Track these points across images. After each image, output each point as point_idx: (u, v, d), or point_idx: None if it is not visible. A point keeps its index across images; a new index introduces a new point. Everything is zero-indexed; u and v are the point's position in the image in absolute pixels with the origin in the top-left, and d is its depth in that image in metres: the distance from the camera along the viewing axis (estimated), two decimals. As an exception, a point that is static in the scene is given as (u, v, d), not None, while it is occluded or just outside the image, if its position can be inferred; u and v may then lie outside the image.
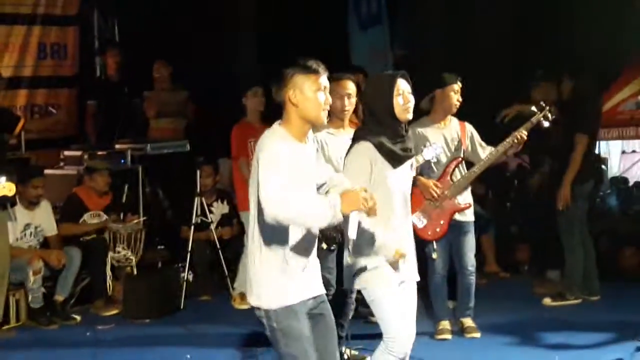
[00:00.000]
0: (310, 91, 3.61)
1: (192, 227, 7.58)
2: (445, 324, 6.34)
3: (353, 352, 5.85)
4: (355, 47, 9.99)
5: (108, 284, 7.50)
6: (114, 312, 7.35)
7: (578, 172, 6.98)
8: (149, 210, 8.29)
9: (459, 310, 6.41)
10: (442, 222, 6.10)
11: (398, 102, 4.23)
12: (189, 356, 6.11)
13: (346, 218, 3.57)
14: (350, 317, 5.67)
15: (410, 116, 4.30)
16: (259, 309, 3.66)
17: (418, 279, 4.42)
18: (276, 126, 3.66)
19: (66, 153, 8.38)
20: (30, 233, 7.28)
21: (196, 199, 7.68)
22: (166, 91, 8.90)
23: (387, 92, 4.22)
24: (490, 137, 6.30)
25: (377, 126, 4.22)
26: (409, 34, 9.98)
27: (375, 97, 4.27)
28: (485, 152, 6.16)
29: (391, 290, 4.21)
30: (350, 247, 4.22)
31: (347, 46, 10.05)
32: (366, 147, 4.19)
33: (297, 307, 3.65)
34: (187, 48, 8.94)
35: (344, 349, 5.68)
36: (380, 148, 4.17)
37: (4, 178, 3.94)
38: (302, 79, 3.62)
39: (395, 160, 4.20)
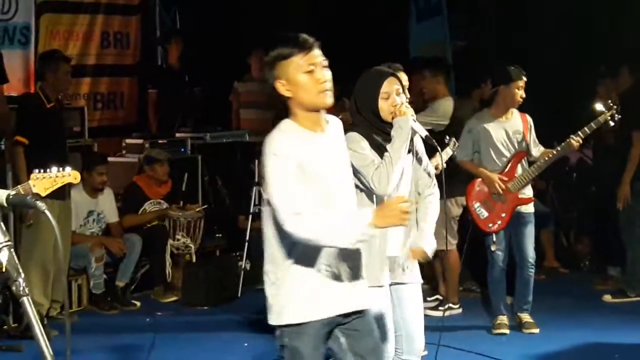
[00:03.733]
0: (298, 76, 3.08)
1: (250, 217, 7.65)
2: (503, 319, 6.30)
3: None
4: (413, 39, 9.94)
5: (167, 271, 7.61)
6: (173, 298, 7.47)
7: (637, 168, 6.88)
8: (208, 199, 8.38)
9: (517, 305, 6.37)
10: (503, 214, 6.10)
11: (382, 105, 3.92)
12: (246, 344, 6.18)
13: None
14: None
15: (406, 112, 3.91)
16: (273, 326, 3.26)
17: (421, 281, 4.18)
18: (284, 121, 3.19)
19: (128, 141, 8.50)
20: (93, 220, 7.41)
21: (254, 188, 7.74)
22: (256, 82, 8.97)
23: (372, 94, 3.94)
24: (553, 134, 6.25)
25: (364, 122, 3.94)
26: (467, 25, 9.90)
27: (361, 96, 3.98)
28: (536, 150, 6.11)
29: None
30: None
31: (405, 38, 10.01)
32: (357, 135, 3.88)
33: (308, 328, 3.19)
34: (252, 39, 8.96)
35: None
36: (370, 139, 3.89)
37: (69, 168, 4.02)
38: (284, 65, 3.08)
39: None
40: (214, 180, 8.62)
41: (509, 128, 6.14)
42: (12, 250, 2.39)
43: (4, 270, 2.12)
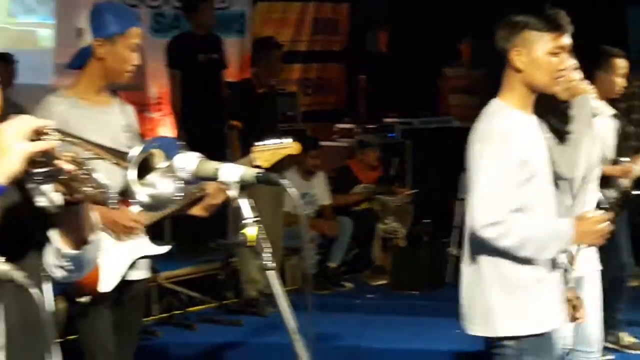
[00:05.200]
0: (542, 53, 2.86)
1: (457, 203, 7.56)
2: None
3: (630, 339, 5.58)
4: (633, 22, 9.47)
5: (377, 255, 7.69)
6: (382, 282, 7.53)
7: None
8: (416, 183, 8.38)
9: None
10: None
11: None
12: (458, 331, 6.12)
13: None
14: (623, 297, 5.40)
15: (586, 90, 3.58)
16: (492, 339, 2.97)
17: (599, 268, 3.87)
18: (493, 103, 2.95)
19: (339, 126, 8.66)
20: (306, 202, 7.60)
21: (462, 175, 7.63)
22: (465, 67, 8.94)
23: None
24: None
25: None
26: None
27: None
28: None
29: None
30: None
31: (625, 22, 9.56)
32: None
33: (548, 339, 2.95)
34: (462, 23, 8.86)
35: (620, 334, 5.45)
36: (545, 121, 3.35)
37: (290, 139, 4.05)
38: (534, 35, 2.86)
39: None
40: (422, 165, 8.61)
41: None
42: (260, 226, 2.46)
43: (254, 244, 2.18)
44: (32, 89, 5.88)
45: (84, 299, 3.45)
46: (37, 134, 1.81)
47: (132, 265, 3.60)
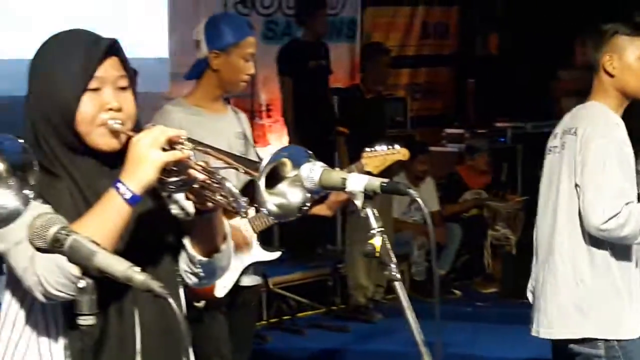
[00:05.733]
0: (633, 58, 2.93)
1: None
2: None
3: None
4: None
5: (487, 262, 7.57)
6: (493, 289, 7.41)
7: None
8: (528, 189, 8.21)
9: None
10: None
11: None
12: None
13: None
14: None
15: None
16: (588, 340, 2.97)
17: None
18: (594, 105, 3.03)
19: (448, 131, 8.57)
20: (415, 208, 7.54)
21: (576, 181, 7.46)
22: (580, 70, 8.74)
23: None
24: None
25: None
26: None
27: None
28: None
29: None
30: None
31: None
32: None
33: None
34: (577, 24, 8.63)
35: None
36: None
37: (397, 145, 4.04)
38: (625, 41, 2.92)
39: None
40: (534, 170, 8.43)
41: None
42: (385, 236, 2.45)
43: (378, 255, 2.17)
44: (146, 96, 6.02)
45: (199, 304, 3.50)
46: (171, 144, 1.85)
47: (244, 271, 3.64)
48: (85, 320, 1.57)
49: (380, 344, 6.17)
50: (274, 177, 1.92)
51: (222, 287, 3.51)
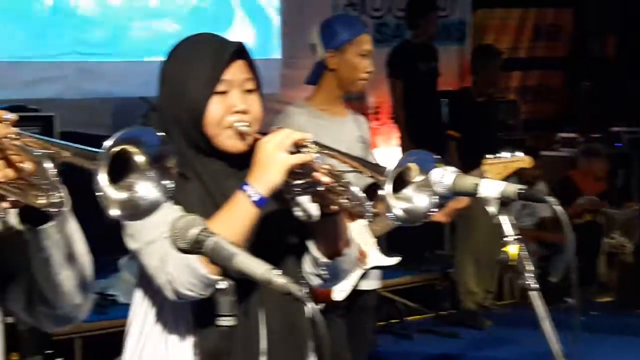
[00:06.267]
0: None
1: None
2: None
3: None
4: None
5: (602, 270, 7.36)
6: (608, 299, 7.20)
7: None
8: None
9: None
10: None
11: None
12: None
13: None
14: None
15: None
16: None
17: None
18: None
19: (560, 135, 8.37)
20: (527, 214, 7.39)
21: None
22: None
23: None
24: None
25: None
26: None
27: None
28: None
29: None
30: None
31: None
32: None
33: None
34: None
35: None
36: None
37: (520, 152, 3.94)
38: None
39: None
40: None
41: None
42: (522, 245, 2.40)
43: (512, 263, 2.13)
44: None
45: (317, 307, 3.49)
46: (297, 146, 1.85)
47: (363, 275, 3.62)
48: (225, 321, 1.58)
49: (491, 351, 6.07)
50: (398, 182, 1.90)
51: (340, 291, 3.51)
